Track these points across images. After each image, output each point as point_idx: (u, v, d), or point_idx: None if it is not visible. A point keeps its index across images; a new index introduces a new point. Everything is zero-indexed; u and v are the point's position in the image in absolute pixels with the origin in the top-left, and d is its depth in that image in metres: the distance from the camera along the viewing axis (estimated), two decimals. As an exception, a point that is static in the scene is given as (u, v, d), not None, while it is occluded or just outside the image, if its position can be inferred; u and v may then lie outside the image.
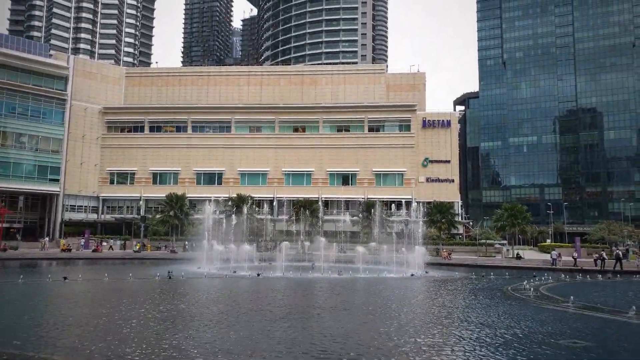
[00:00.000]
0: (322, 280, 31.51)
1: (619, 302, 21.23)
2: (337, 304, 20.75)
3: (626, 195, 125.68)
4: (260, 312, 17.51)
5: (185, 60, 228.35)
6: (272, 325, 14.89)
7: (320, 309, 19.06)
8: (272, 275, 33.54)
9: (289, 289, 26.81)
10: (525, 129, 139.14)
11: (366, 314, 17.82)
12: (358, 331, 14.40)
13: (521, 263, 54.28)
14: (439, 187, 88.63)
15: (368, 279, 33.21)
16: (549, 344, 12.51)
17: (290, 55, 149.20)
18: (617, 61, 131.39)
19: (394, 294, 25.46)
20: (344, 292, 25.56)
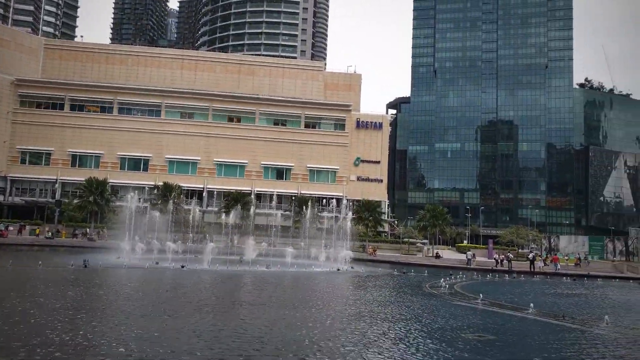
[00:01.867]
0: (248, 273, 31.82)
1: (521, 299, 23.54)
2: (256, 298, 21.16)
3: (533, 203, 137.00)
4: (170, 305, 17.61)
5: (115, 37, 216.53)
6: (174, 319, 15.12)
7: (237, 303, 19.47)
8: (197, 267, 33.27)
9: (211, 281, 26.78)
10: (450, 135, 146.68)
11: (283, 308, 18.49)
12: (273, 325, 15.02)
13: (440, 262, 57.59)
14: (369, 186, 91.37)
15: (295, 273, 34.00)
16: (458, 338, 13.86)
17: (228, 43, 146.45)
18: (532, 79, 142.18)
19: (317, 288, 26.42)
20: (267, 285, 26.07)
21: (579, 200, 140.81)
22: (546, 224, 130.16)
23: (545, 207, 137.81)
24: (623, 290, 35.06)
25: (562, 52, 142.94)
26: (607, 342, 14.55)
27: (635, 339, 15.19)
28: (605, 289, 35.06)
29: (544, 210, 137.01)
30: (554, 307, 21.82)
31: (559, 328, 16.88)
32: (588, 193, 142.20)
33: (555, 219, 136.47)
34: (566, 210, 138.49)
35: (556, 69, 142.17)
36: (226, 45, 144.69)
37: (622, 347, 13.83)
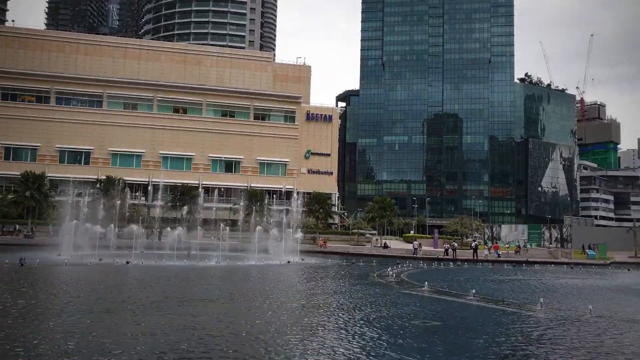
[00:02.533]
0: (196, 268, 31.21)
1: (464, 286, 24.40)
2: (203, 293, 20.81)
3: (477, 194, 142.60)
4: (108, 304, 17.04)
5: (51, 23, 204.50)
6: (111, 317, 14.67)
7: (184, 299, 19.11)
8: (143, 263, 32.25)
9: (158, 277, 26.10)
10: (398, 128, 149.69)
11: (230, 302, 18.30)
12: (217, 320, 14.82)
13: (388, 252, 58.85)
14: (319, 179, 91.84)
15: (245, 267, 33.69)
16: (403, 325, 14.17)
17: (173, 31, 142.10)
18: (476, 74, 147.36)
19: (266, 280, 26.30)
20: (215, 280, 25.72)
21: (519, 191, 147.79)
22: (489, 214, 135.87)
23: (488, 198, 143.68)
24: (557, 274, 37.14)
25: (504, 47, 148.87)
26: (541, 323, 15.35)
27: (565, 319, 16.10)
28: (541, 274, 37.01)
29: (486, 200, 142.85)
30: (494, 293, 22.78)
31: (498, 312, 17.64)
32: (527, 184, 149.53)
33: (497, 208, 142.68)
34: (507, 200, 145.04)
35: (498, 64, 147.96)
36: (171, 34, 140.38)
37: (554, 327, 14.61)
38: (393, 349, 11.09)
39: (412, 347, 11.31)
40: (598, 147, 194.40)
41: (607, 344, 12.54)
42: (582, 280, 32.24)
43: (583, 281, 31.80)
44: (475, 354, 11.06)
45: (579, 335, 13.56)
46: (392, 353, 10.66)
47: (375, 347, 11.28)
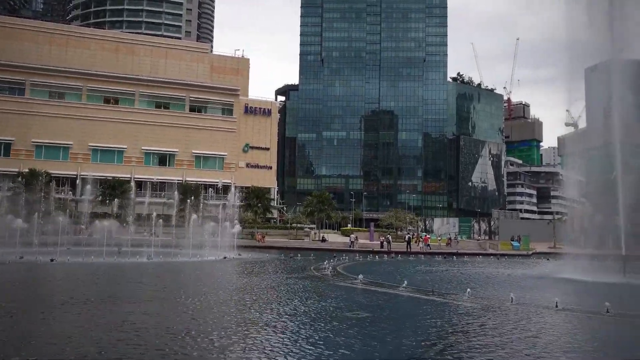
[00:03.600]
0: (127, 265, 30.02)
1: (397, 278, 25.13)
2: (131, 291, 20.14)
3: (411, 188, 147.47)
4: (24, 304, 16.11)
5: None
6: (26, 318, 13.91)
7: (111, 298, 18.39)
8: (69, 260, 30.56)
9: (85, 275, 24.85)
10: (336, 124, 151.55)
11: (161, 300, 17.82)
12: (143, 318, 14.39)
13: (325, 245, 59.56)
14: (258, 173, 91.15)
15: (179, 263, 32.81)
16: (336, 317, 14.37)
17: (104, 18, 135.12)
18: (412, 72, 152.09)
19: (200, 277, 25.80)
20: (146, 278, 24.89)
21: (451, 186, 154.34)
22: (422, 208, 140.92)
23: (421, 192, 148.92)
24: (484, 265, 39.20)
25: (438, 47, 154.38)
26: (468, 311, 16.11)
27: (489, 307, 17.01)
28: (470, 265, 38.91)
29: (420, 195, 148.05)
30: (425, 284, 23.63)
31: (428, 302, 18.32)
32: (459, 179, 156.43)
33: (431, 202, 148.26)
34: (440, 195, 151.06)
35: (432, 63, 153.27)
36: (102, 21, 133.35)
37: (479, 316, 15.39)
38: (322, 340, 11.22)
39: (341, 339, 11.50)
40: (523, 144, 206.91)
41: (524, 329, 13.38)
42: (506, 270, 34.22)
43: (507, 271, 33.77)
44: (402, 343, 11.41)
45: (500, 322, 14.38)
46: (321, 344, 10.78)
47: (304, 339, 11.36)
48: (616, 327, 14.27)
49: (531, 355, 10.42)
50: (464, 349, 10.99)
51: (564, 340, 12.14)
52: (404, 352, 10.44)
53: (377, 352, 10.40)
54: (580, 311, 16.64)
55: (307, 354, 10.08)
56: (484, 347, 11.17)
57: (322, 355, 9.93)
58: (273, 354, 9.93)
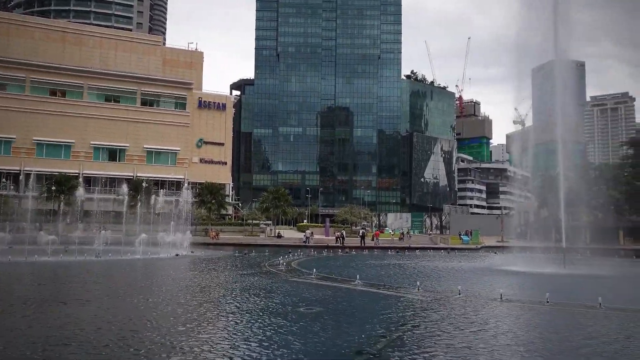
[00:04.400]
0: (74, 264, 28.86)
1: (350, 272, 25.41)
2: (77, 291, 19.45)
3: (366, 184, 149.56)
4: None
5: None
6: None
7: (53, 299, 17.67)
8: (11, 259, 29.06)
9: (25, 275, 23.74)
10: (292, 120, 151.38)
11: (108, 299, 17.30)
12: (89, 319, 13.95)
13: (281, 241, 59.41)
14: (212, 169, 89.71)
15: (129, 261, 31.87)
16: (288, 312, 14.39)
17: (50, 7, 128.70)
18: (367, 69, 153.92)
19: (151, 275, 25.18)
20: (93, 277, 24.04)
21: (404, 181, 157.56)
22: (377, 203, 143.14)
23: (376, 188, 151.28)
24: (435, 259, 40.29)
25: (392, 44, 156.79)
26: (417, 304, 16.52)
27: (438, 299, 17.51)
28: (421, 259, 39.86)
29: (375, 190, 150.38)
30: (377, 278, 24.02)
31: (379, 295, 18.66)
32: (412, 175, 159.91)
33: (385, 198, 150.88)
34: (393, 190, 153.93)
35: (387, 61, 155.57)
36: (47, 10, 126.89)
37: (428, 309, 15.81)
38: (272, 336, 11.21)
39: (291, 334, 11.53)
40: (473, 141, 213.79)
41: (470, 320, 13.86)
42: (456, 264, 35.31)
43: (456, 264, 34.84)
44: (352, 336, 11.57)
45: (448, 314, 14.83)
46: (271, 340, 10.77)
47: (254, 335, 11.31)
48: (554, 316, 15.02)
49: (473, 347, 10.81)
50: (412, 341, 11.27)
51: (505, 329, 12.67)
52: (353, 345, 10.58)
53: (327, 346, 10.49)
54: (523, 302, 17.41)
55: (256, 350, 10.04)
56: (431, 339, 11.50)
57: (272, 351, 9.92)
58: (221, 352, 9.83)
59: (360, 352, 9.96)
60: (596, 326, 13.33)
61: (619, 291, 21.14)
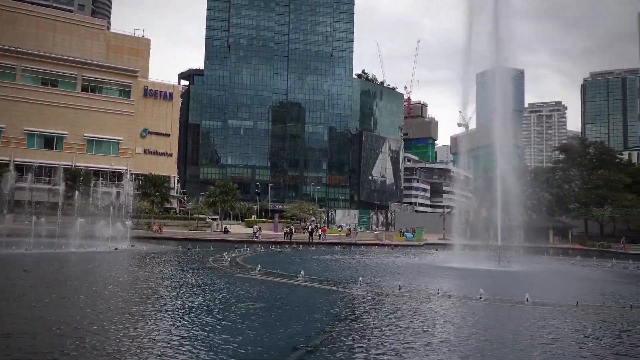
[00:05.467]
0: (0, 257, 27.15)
1: (295, 268, 25.43)
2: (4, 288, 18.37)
3: (316, 181, 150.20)
4: None
5: None
6: None
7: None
8: None
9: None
10: (243, 113, 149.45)
11: (38, 295, 16.45)
12: (18, 317, 13.22)
13: (228, 236, 58.58)
14: (157, 160, 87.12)
15: (63, 254, 30.33)
16: (229, 309, 14.19)
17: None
18: (319, 66, 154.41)
19: (86, 270, 24.12)
20: (22, 273, 22.76)
21: (353, 179, 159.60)
22: (326, 199, 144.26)
23: (326, 185, 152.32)
24: (378, 255, 41.08)
25: (345, 43, 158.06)
26: (358, 299, 16.77)
27: (379, 295, 17.85)
28: (365, 255, 40.53)
29: (324, 187, 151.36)
30: (322, 273, 24.18)
31: (322, 291, 18.77)
32: (360, 172, 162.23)
33: (334, 195, 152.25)
34: (343, 187, 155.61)
35: (339, 59, 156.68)
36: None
37: (368, 304, 16.08)
38: (210, 333, 11.02)
39: (230, 330, 11.37)
40: (420, 142, 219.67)
41: (409, 315, 14.23)
42: (398, 260, 36.14)
43: (399, 260, 35.68)
44: (291, 332, 11.57)
45: (387, 309, 15.14)
46: (208, 337, 10.58)
47: (191, 332, 11.07)
48: (486, 311, 15.70)
49: (408, 342, 11.09)
50: (349, 336, 11.41)
51: (441, 324, 13.10)
52: (291, 341, 10.57)
53: (264, 342, 10.42)
54: (458, 297, 18.08)
55: (190, 348, 9.82)
56: (368, 334, 11.69)
57: (207, 349, 9.74)
58: (151, 350, 9.54)
59: (296, 348, 9.96)
60: (522, 321, 14.03)
61: (545, 287, 22.41)
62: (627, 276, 30.19)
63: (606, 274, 30.74)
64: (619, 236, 72.17)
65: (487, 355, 10.34)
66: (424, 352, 10.07)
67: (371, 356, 9.64)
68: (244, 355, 9.38)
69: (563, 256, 48.43)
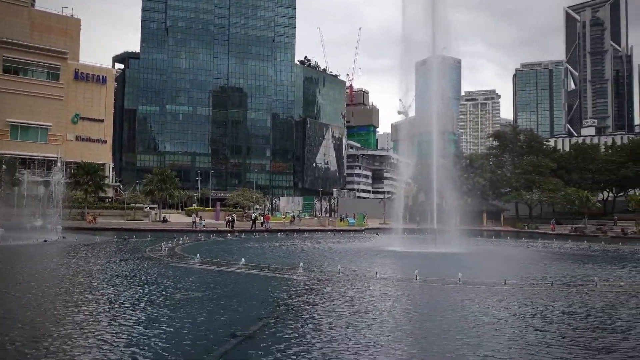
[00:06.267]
0: None
1: (236, 256, 25.19)
2: None
3: (259, 168, 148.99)
4: None
5: None
6: None
7: None
8: None
9: None
10: (182, 98, 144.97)
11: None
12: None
13: (167, 226, 57.04)
14: (90, 147, 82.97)
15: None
16: (165, 298, 13.84)
17: None
18: (261, 51, 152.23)
19: (12, 262, 22.71)
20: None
21: (297, 166, 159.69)
22: (270, 187, 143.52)
23: (269, 172, 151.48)
24: (321, 240, 41.49)
25: (287, 29, 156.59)
26: (299, 285, 16.88)
27: (319, 279, 18.07)
28: (308, 241, 40.82)
29: (268, 174, 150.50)
30: (263, 260, 24.10)
31: (263, 278, 18.73)
32: (304, 160, 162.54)
33: (278, 182, 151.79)
34: (287, 174, 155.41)
35: (281, 44, 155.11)
36: None
37: (308, 289, 16.23)
38: (145, 324, 10.71)
39: (166, 320, 11.11)
40: (362, 129, 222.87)
41: (347, 298, 14.49)
42: (340, 245, 36.71)
43: (341, 245, 36.24)
44: (230, 320, 11.47)
45: (327, 292, 15.35)
46: (144, 329, 10.29)
47: (125, 325, 10.71)
48: (421, 292, 16.31)
49: (348, 325, 11.31)
50: (288, 321, 11.47)
51: (377, 305, 13.46)
52: (230, 329, 10.48)
53: (201, 331, 10.27)
54: (395, 279, 18.64)
55: (126, 340, 9.51)
56: (308, 318, 11.81)
57: (142, 340, 9.47)
58: (87, 343, 9.15)
59: (234, 335, 9.89)
60: (454, 300, 14.69)
61: (477, 267, 23.57)
62: (551, 255, 32.33)
63: (533, 254, 32.77)
64: (546, 218, 77.12)
65: (421, 334, 10.74)
66: (362, 334, 10.30)
67: (308, 340, 9.75)
68: (180, 344, 9.19)
69: (495, 238, 51.12)
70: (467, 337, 10.08)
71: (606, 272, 22.16)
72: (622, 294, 16.39)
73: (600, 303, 14.49)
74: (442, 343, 9.84)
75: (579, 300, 14.98)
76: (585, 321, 12.02)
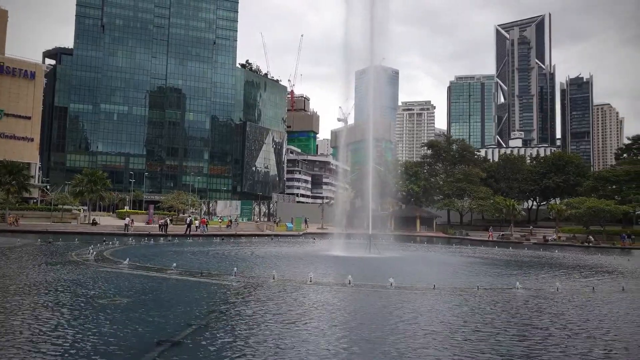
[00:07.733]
0: None
1: (168, 261, 24.53)
2: None
3: (197, 170, 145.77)
4: None
5: None
6: None
7: None
8: None
9: None
10: (117, 97, 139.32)
11: None
12: None
13: (96, 229, 54.51)
14: (15, 145, 78.00)
15: None
16: (89, 304, 13.27)
17: None
18: (201, 53, 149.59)
19: None
20: None
21: (236, 169, 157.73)
22: (207, 190, 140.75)
23: (207, 175, 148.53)
24: (258, 245, 41.26)
25: (228, 32, 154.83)
26: (232, 290, 16.74)
27: (253, 285, 18.01)
28: (245, 246, 40.44)
29: (206, 177, 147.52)
30: (197, 265, 23.63)
31: (195, 283, 18.36)
32: (244, 163, 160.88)
33: (216, 185, 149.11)
34: (225, 178, 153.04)
35: (222, 47, 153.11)
36: None
37: (241, 294, 16.13)
38: (67, 332, 10.24)
39: (90, 327, 10.67)
40: (302, 134, 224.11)
41: (280, 304, 14.56)
42: (277, 250, 36.67)
43: (277, 250, 36.21)
44: (158, 327, 11.20)
45: (259, 298, 15.34)
46: (66, 337, 9.83)
47: (44, 332, 10.19)
48: (354, 296, 16.69)
49: (279, 331, 11.39)
50: (218, 327, 11.37)
51: (310, 309, 13.64)
52: (157, 335, 10.24)
53: (127, 339, 9.96)
54: (329, 284, 18.93)
55: (45, 349, 9.05)
56: (239, 324, 11.77)
57: (63, 349, 9.05)
58: (4, 353, 8.63)
59: (160, 342, 9.68)
60: (385, 304, 15.17)
61: (409, 272, 24.42)
62: (482, 260, 34.05)
63: (462, 259, 34.36)
64: (476, 225, 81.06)
65: (354, 337, 11.01)
66: (293, 339, 10.41)
67: (237, 346, 9.73)
68: (106, 353, 8.87)
69: (428, 243, 53.07)
70: (393, 341, 10.45)
71: (526, 277, 23.69)
72: (537, 297, 17.63)
73: (520, 305, 15.51)
74: (370, 347, 10.15)
75: (501, 302, 15.94)
76: (500, 320, 12.84)
